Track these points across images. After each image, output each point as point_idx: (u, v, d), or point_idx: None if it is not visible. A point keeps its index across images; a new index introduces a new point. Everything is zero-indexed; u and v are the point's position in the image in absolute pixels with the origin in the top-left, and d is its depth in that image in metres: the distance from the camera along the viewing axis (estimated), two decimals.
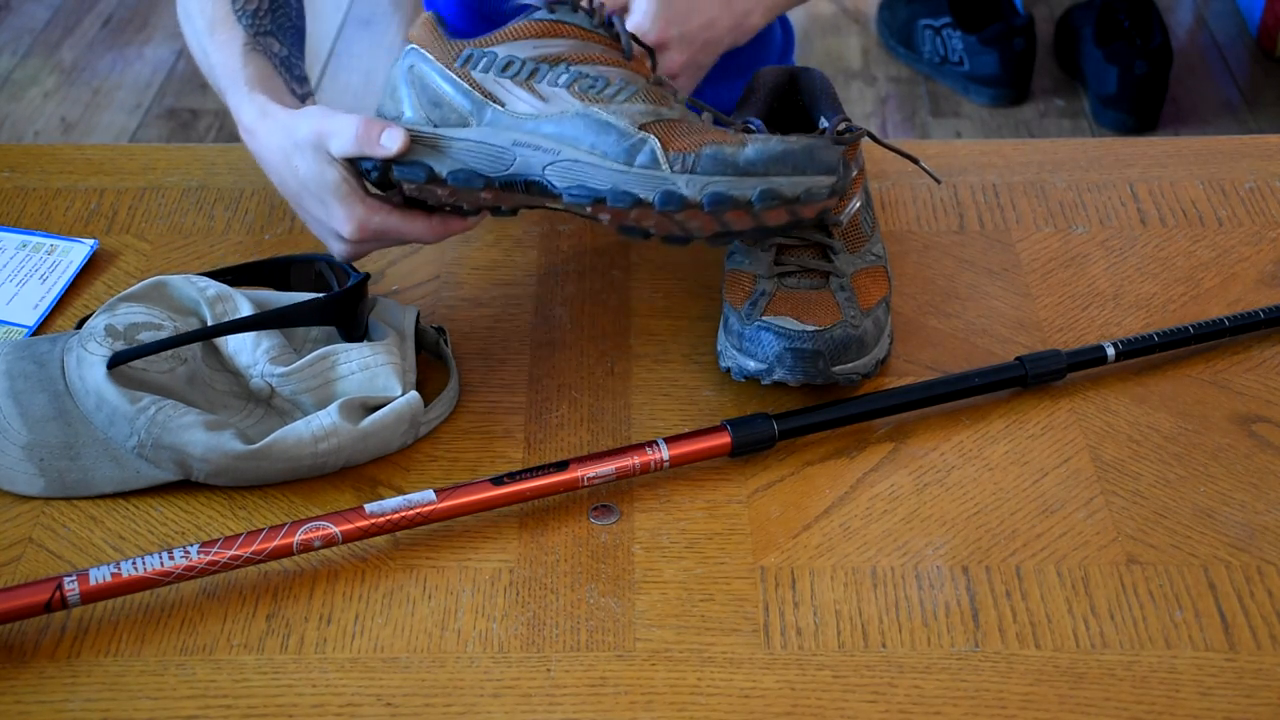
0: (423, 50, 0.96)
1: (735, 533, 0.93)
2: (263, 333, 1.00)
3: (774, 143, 0.92)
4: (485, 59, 0.95)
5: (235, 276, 1.05)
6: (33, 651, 0.86)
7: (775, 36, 1.45)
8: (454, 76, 0.95)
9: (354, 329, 1.01)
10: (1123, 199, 1.21)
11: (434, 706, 0.83)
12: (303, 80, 1.07)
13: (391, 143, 0.94)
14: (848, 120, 1.07)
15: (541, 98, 0.93)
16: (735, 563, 0.91)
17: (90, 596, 0.85)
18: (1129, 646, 0.86)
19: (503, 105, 0.94)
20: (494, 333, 1.08)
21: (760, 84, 1.12)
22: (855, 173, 1.07)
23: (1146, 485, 0.96)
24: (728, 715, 0.82)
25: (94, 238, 1.17)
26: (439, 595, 0.89)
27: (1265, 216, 1.19)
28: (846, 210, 1.05)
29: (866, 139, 1.07)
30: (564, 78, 0.94)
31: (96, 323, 0.99)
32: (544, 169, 0.94)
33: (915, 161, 1.11)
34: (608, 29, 0.97)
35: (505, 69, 0.94)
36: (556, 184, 0.93)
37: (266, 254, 1.14)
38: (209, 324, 1.01)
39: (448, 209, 0.99)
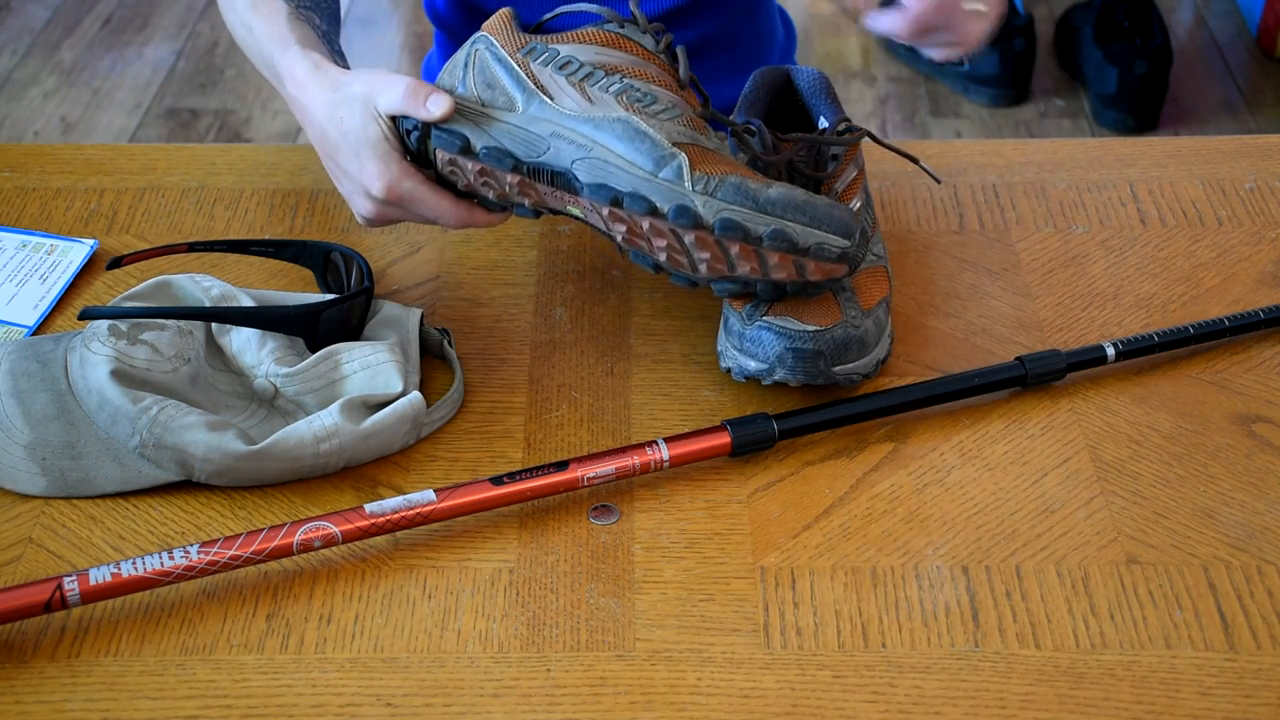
0: (491, 38, 0.99)
1: (735, 533, 0.93)
2: (267, 333, 1.00)
3: (800, 192, 0.93)
4: (547, 54, 0.97)
5: (260, 248, 1.09)
6: (33, 651, 0.86)
7: (776, 35, 1.45)
8: (513, 63, 0.97)
9: (352, 334, 1.02)
10: (1123, 199, 1.21)
11: (434, 706, 0.83)
12: (341, 56, 1.11)
13: (436, 107, 0.96)
14: (848, 120, 1.07)
15: (590, 100, 0.96)
16: (735, 563, 0.91)
17: (90, 596, 0.85)
18: (1129, 646, 0.86)
19: (551, 99, 0.96)
20: (494, 333, 1.08)
21: (760, 84, 1.12)
22: (855, 173, 1.07)
23: (1146, 485, 0.96)
24: (728, 715, 0.82)
25: (94, 238, 1.17)
26: (439, 595, 0.89)
27: (1265, 216, 1.19)
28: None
29: (866, 139, 1.07)
30: (615, 86, 0.96)
31: (100, 322, 0.99)
32: (573, 162, 0.95)
33: (915, 161, 1.11)
34: (669, 56, 0.99)
35: (563, 67, 0.97)
36: (581, 178, 0.95)
37: None
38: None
39: (476, 198, 1.01)
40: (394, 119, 0.99)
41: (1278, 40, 2.95)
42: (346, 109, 1.00)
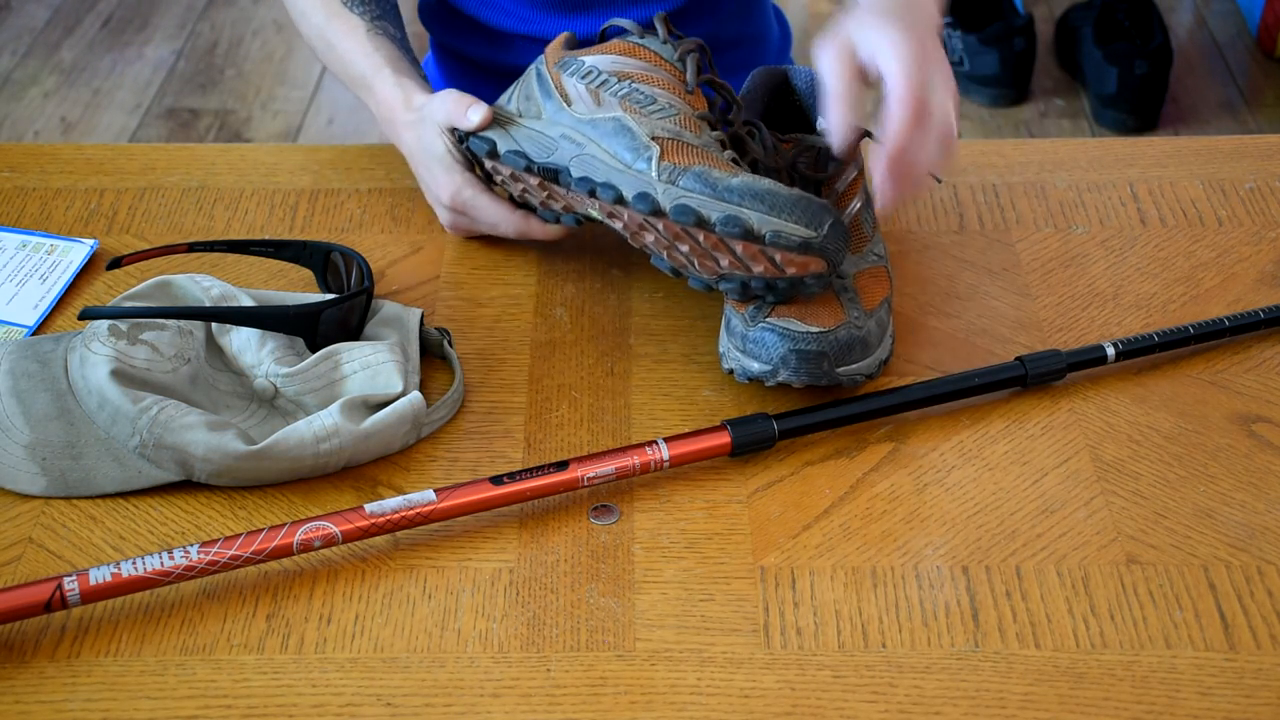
0: (544, 56, 1.08)
1: (735, 533, 0.93)
2: (267, 333, 1.00)
3: (765, 182, 0.95)
4: (575, 65, 1.05)
5: (260, 248, 1.11)
6: (33, 651, 0.86)
7: (773, 35, 1.45)
8: (548, 76, 1.06)
9: (352, 334, 1.02)
10: (1123, 199, 1.21)
11: (434, 706, 0.83)
12: (415, 62, 1.20)
13: (475, 115, 1.07)
14: None
15: (599, 104, 1.02)
16: (735, 563, 0.91)
17: (90, 596, 0.85)
18: (1129, 646, 0.86)
19: (569, 105, 1.03)
20: (494, 333, 1.08)
21: (757, 84, 1.12)
22: (855, 174, 1.07)
23: (1146, 485, 0.96)
24: (728, 715, 0.82)
25: (94, 238, 1.17)
26: (439, 595, 0.89)
27: (1265, 216, 1.19)
28: (847, 211, 1.05)
29: (867, 139, 1.07)
30: (623, 91, 1.02)
31: (100, 322, 0.99)
32: (570, 159, 1.01)
33: None
34: (681, 64, 1.04)
35: (585, 76, 1.04)
36: (573, 173, 1.01)
37: None
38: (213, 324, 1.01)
39: (529, 206, 1.09)
40: (453, 133, 1.09)
41: (1278, 40, 2.95)
42: (422, 128, 1.12)
